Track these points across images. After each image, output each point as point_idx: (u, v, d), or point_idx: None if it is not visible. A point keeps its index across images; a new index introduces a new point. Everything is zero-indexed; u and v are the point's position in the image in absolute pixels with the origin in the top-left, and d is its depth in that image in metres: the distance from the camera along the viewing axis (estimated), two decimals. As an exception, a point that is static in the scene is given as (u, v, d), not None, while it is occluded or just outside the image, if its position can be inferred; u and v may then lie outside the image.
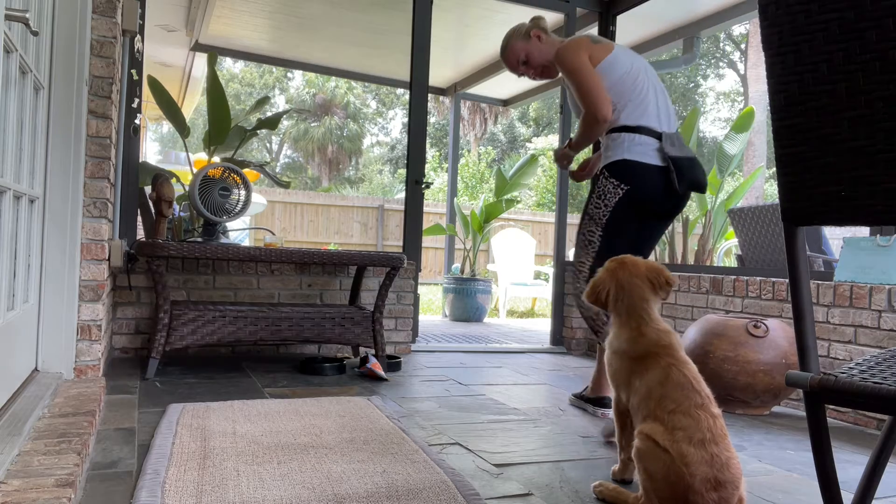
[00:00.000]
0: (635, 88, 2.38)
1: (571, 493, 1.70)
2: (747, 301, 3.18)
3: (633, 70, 2.40)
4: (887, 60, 0.82)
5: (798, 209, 0.95)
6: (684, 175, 2.33)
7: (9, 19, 1.60)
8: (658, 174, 2.34)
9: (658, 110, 2.40)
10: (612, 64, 2.37)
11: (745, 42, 19.77)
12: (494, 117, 21.91)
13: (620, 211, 2.37)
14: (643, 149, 2.33)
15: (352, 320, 3.24)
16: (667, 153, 2.32)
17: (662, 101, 2.44)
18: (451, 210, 7.16)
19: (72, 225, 2.43)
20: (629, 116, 2.36)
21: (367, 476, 1.69)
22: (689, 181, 2.35)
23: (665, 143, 2.34)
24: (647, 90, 2.40)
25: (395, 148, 27.78)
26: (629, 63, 2.41)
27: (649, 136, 2.35)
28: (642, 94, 2.39)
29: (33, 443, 1.63)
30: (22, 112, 1.99)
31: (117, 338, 3.28)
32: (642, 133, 2.35)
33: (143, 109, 4.39)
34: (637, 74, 2.40)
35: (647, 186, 2.34)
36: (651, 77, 2.46)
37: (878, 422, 2.57)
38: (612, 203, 2.37)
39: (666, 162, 2.32)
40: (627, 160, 2.33)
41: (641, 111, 2.36)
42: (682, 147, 2.39)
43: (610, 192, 2.37)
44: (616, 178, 2.36)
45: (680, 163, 2.32)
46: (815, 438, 0.95)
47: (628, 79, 2.38)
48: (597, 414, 2.54)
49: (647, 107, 2.38)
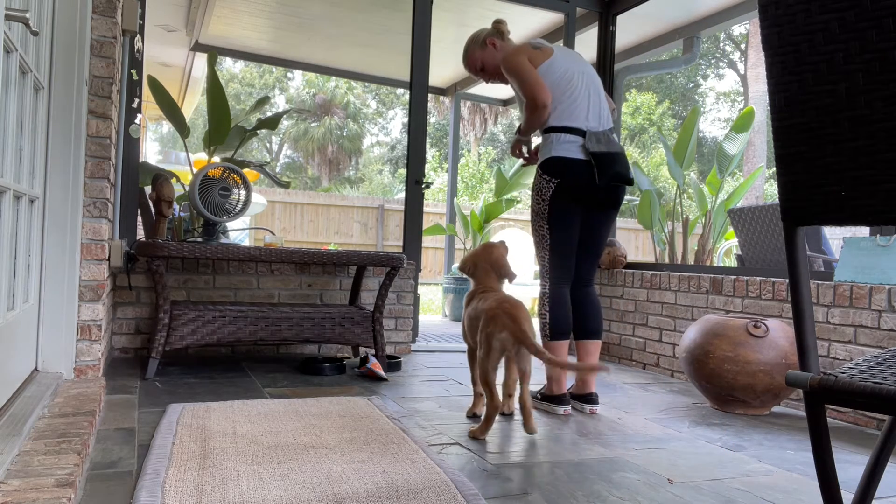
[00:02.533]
0: (566, 91, 2.60)
1: (571, 492, 1.70)
2: (747, 301, 3.18)
3: (567, 74, 2.61)
4: (887, 60, 0.82)
5: (798, 209, 0.95)
6: (605, 169, 2.55)
7: (9, 19, 1.60)
8: (583, 167, 2.56)
9: (588, 111, 2.62)
10: (548, 68, 2.60)
11: (745, 42, 19.77)
12: (494, 117, 21.91)
13: (557, 202, 2.60)
14: (569, 146, 2.57)
15: (352, 320, 3.24)
16: (588, 149, 2.54)
17: (595, 103, 2.65)
18: (451, 210, 7.16)
19: (72, 225, 2.43)
20: (558, 118, 2.60)
21: (367, 476, 1.69)
22: (611, 175, 2.56)
23: (589, 140, 2.57)
24: (579, 92, 2.62)
25: (395, 148, 27.78)
26: (564, 68, 2.62)
27: (574, 135, 2.58)
28: (573, 97, 2.60)
29: (33, 443, 1.63)
30: (22, 112, 1.99)
31: (117, 338, 3.28)
32: (568, 133, 2.59)
33: (143, 109, 4.39)
34: (571, 78, 2.61)
35: (573, 178, 2.58)
36: (587, 79, 2.66)
37: (878, 422, 2.57)
38: (548, 196, 2.61)
39: (589, 157, 2.55)
40: (555, 157, 2.58)
41: (570, 113, 2.59)
42: (608, 143, 2.60)
43: (544, 187, 2.61)
44: (547, 173, 2.60)
45: (601, 158, 2.55)
46: (815, 438, 0.95)
47: (562, 82, 2.60)
48: (557, 412, 2.59)
49: (575, 108, 2.60)
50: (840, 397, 0.90)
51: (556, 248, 2.63)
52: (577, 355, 2.73)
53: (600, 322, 2.72)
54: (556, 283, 2.65)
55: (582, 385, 2.67)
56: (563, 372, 2.58)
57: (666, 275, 3.72)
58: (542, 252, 2.68)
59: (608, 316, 4.16)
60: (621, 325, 4.04)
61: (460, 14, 5.10)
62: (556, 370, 2.54)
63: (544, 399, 2.64)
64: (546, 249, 2.66)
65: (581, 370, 2.66)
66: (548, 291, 2.65)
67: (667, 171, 14.01)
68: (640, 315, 3.89)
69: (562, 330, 2.62)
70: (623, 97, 5.21)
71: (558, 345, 2.61)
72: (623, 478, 1.83)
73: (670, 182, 13.16)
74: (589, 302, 2.72)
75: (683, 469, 1.94)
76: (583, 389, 2.66)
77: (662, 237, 5.34)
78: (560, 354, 2.60)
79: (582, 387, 2.67)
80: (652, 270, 3.89)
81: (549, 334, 2.62)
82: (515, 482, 1.76)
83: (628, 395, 3.05)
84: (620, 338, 4.05)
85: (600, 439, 2.23)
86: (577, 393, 2.67)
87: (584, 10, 4.60)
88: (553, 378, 2.60)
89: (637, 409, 2.73)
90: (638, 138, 21.00)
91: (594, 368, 2.55)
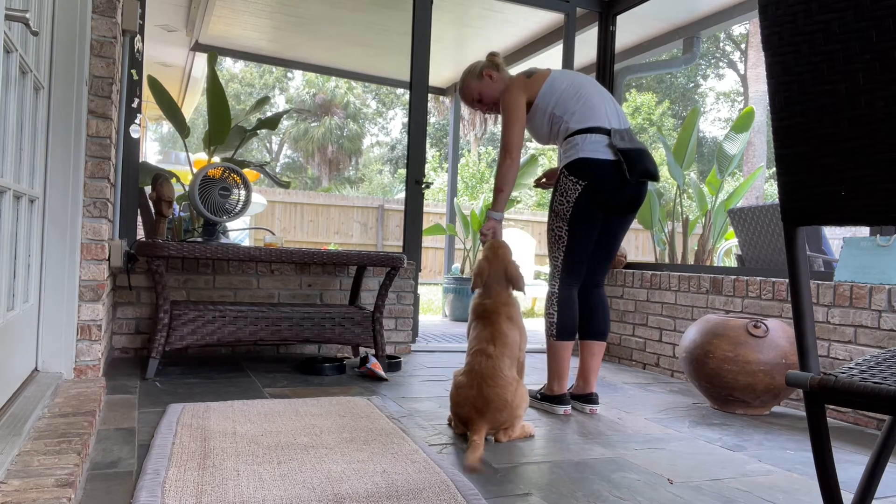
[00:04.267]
0: (578, 97, 2.60)
1: (571, 492, 1.70)
2: (747, 301, 3.18)
3: (574, 84, 2.63)
4: (887, 60, 0.82)
5: (798, 209, 0.94)
6: (635, 165, 2.52)
7: (9, 19, 1.60)
8: (611, 167, 2.52)
9: (607, 112, 2.60)
10: (551, 87, 2.62)
11: (745, 42, 19.77)
12: (494, 117, 21.81)
13: (582, 205, 2.55)
14: (595, 146, 2.53)
15: (352, 320, 3.24)
16: (616, 146, 2.51)
17: (611, 105, 2.64)
18: (451, 210, 7.16)
19: (72, 225, 2.43)
20: (578, 121, 2.57)
21: (367, 476, 1.69)
22: (640, 171, 2.54)
23: (614, 137, 2.54)
24: (591, 96, 2.61)
25: (395, 148, 27.77)
26: (567, 81, 2.64)
27: (599, 134, 2.55)
28: (587, 100, 2.60)
29: (33, 443, 1.63)
30: (22, 112, 1.99)
31: (117, 338, 3.28)
32: (593, 133, 2.55)
33: (143, 109, 4.39)
34: (579, 87, 2.62)
35: (603, 180, 2.53)
36: (596, 86, 2.67)
37: (878, 422, 2.57)
38: (573, 198, 2.55)
39: (617, 155, 2.52)
40: (583, 158, 2.53)
41: (590, 114, 2.57)
42: (631, 140, 2.58)
43: (570, 189, 2.56)
44: (574, 175, 2.55)
45: (629, 154, 2.52)
46: (815, 438, 0.95)
47: (570, 91, 2.61)
48: (557, 412, 2.60)
49: (594, 110, 2.58)
50: (840, 397, 0.90)
51: (572, 250, 2.60)
52: (581, 354, 2.71)
53: (608, 324, 2.71)
54: (565, 284, 2.62)
55: (583, 385, 2.67)
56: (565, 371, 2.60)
57: (666, 275, 3.72)
58: (557, 253, 2.63)
59: (608, 316, 4.16)
60: (621, 325, 4.04)
61: (460, 14, 5.10)
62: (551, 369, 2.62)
63: (544, 399, 2.64)
64: (562, 250, 2.62)
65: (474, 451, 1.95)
66: (557, 292, 2.62)
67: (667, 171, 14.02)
68: (640, 315, 3.89)
69: (568, 331, 2.60)
70: (623, 97, 5.21)
71: (563, 345, 2.59)
72: (623, 478, 1.83)
73: (670, 182, 13.17)
74: (599, 302, 2.71)
75: (683, 469, 1.95)
76: (584, 389, 2.67)
77: (662, 237, 5.34)
78: (564, 355, 2.60)
79: (583, 387, 2.67)
80: (652, 270, 3.89)
81: (555, 334, 2.60)
82: (515, 482, 1.76)
83: (628, 395, 3.05)
84: (620, 338, 4.05)
85: (600, 439, 2.23)
86: (577, 393, 2.68)
87: (584, 10, 4.60)
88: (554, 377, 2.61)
89: (637, 409, 2.73)
90: (638, 138, 21.02)
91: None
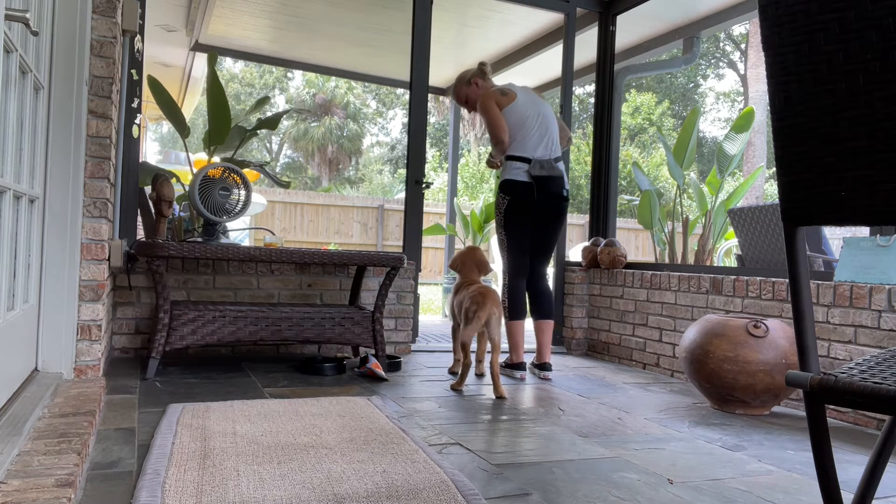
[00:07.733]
0: (522, 129, 3.33)
1: (571, 492, 1.70)
2: (747, 301, 3.18)
3: (524, 115, 3.34)
4: (887, 60, 0.82)
5: (798, 209, 0.94)
6: (543, 189, 3.31)
7: (9, 19, 1.60)
8: (528, 187, 3.30)
9: (537, 144, 3.33)
10: (510, 110, 3.33)
11: (745, 42, 19.77)
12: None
13: (510, 214, 3.35)
14: (517, 171, 3.32)
15: (352, 320, 3.24)
16: (531, 174, 3.28)
17: (546, 137, 3.36)
18: (451, 210, 7.16)
19: (72, 225, 2.43)
20: (513, 149, 3.33)
21: (367, 476, 1.69)
22: (547, 193, 3.32)
23: (533, 166, 3.30)
24: (532, 129, 3.33)
25: (395, 148, 27.78)
26: (523, 111, 3.34)
27: (523, 162, 3.32)
28: (526, 132, 3.33)
29: (33, 443, 1.63)
30: (22, 112, 1.99)
31: (117, 338, 3.28)
32: (518, 161, 3.32)
33: (143, 109, 4.39)
34: (527, 119, 3.33)
35: (523, 195, 3.31)
36: (541, 119, 3.37)
37: (878, 422, 2.57)
38: (503, 210, 3.36)
39: (531, 180, 3.29)
40: (507, 179, 3.34)
41: (522, 146, 3.32)
42: (549, 169, 3.32)
43: (501, 203, 3.37)
44: (503, 192, 3.36)
45: (540, 180, 3.29)
46: (815, 438, 0.95)
47: (519, 121, 3.33)
48: (516, 376, 3.32)
49: (526, 143, 3.32)
50: (840, 397, 0.90)
51: (512, 250, 3.38)
52: (536, 331, 3.44)
53: (552, 306, 3.47)
54: (513, 277, 3.39)
55: (539, 356, 3.43)
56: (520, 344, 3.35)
57: (666, 275, 3.72)
58: (503, 253, 3.43)
59: (608, 316, 4.16)
60: (621, 325, 4.05)
61: (460, 14, 5.10)
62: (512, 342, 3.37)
63: (507, 367, 3.36)
64: (505, 251, 3.41)
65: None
66: (507, 283, 3.40)
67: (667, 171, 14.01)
68: (640, 315, 3.89)
69: (518, 312, 3.35)
70: (623, 97, 5.21)
71: (516, 324, 3.33)
72: (623, 478, 1.83)
73: (670, 182, 13.17)
74: (541, 292, 3.45)
75: (683, 469, 1.95)
76: (540, 360, 3.42)
77: (662, 237, 5.34)
78: (517, 331, 3.32)
79: (539, 357, 3.43)
80: (652, 270, 3.89)
81: (507, 315, 3.34)
82: (515, 482, 1.76)
83: (628, 395, 3.05)
84: (620, 338, 4.05)
85: (600, 439, 2.23)
86: (535, 362, 3.44)
87: (584, 10, 4.60)
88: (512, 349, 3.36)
89: (637, 409, 2.73)
90: (638, 138, 21.01)
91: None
